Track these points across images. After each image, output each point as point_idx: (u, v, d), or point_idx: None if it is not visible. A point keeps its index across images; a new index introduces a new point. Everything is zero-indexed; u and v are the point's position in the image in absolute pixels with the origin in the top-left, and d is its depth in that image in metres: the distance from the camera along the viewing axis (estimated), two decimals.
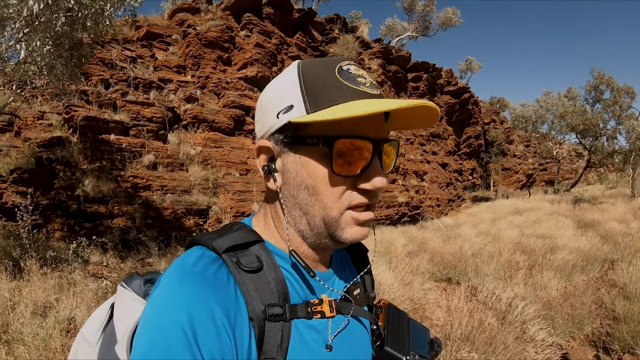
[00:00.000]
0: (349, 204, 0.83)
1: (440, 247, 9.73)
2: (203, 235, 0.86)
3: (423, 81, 24.77)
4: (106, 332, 0.99)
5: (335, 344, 0.88)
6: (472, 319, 5.08)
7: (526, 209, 18.10)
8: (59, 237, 8.35)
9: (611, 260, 8.58)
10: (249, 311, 0.77)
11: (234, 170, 12.66)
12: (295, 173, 0.85)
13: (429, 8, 28.49)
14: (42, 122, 10.49)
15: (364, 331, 1.01)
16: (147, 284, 1.03)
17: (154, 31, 15.14)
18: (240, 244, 0.83)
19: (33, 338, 4.08)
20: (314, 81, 0.82)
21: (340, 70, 0.82)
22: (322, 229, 0.85)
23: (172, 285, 0.75)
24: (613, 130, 24.29)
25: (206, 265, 0.78)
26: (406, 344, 1.03)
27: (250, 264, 0.81)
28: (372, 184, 0.81)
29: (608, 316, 5.94)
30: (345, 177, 0.81)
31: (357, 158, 0.80)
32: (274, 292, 0.81)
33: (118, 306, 1.00)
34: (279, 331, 0.79)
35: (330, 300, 0.90)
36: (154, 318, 0.71)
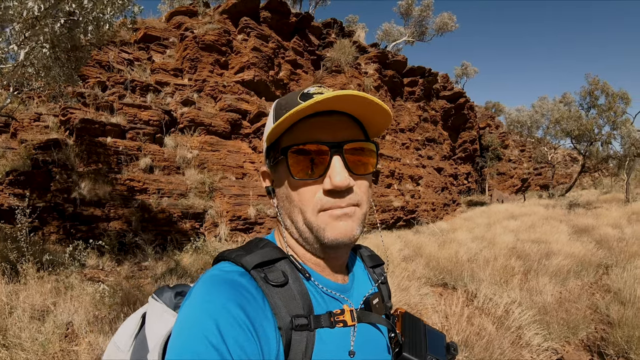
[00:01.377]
0: (321, 207, 0.89)
1: (436, 252, 9.74)
2: (231, 252, 0.93)
3: (419, 86, 24.81)
4: (137, 340, 1.06)
5: (356, 350, 0.92)
6: (469, 324, 5.12)
7: (521, 214, 18.13)
8: (54, 240, 8.33)
9: (606, 265, 8.64)
10: (277, 321, 0.82)
11: (230, 174, 12.66)
12: (279, 188, 0.98)
13: (426, 13, 28.59)
14: (38, 124, 10.47)
15: (382, 338, 1.06)
16: (177, 297, 1.10)
17: (152, 34, 15.10)
18: (267, 260, 0.90)
19: (32, 343, 4.08)
20: (280, 108, 0.94)
21: (302, 94, 0.92)
22: (307, 233, 0.93)
23: (202, 295, 0.80)
24: (608, 135, 24.39)
25: (235, 277, 0.84)
26: (423, 349, 1.08)
27: (277, 279, 0.87)
28: (332, 183, 0.86)
29: (603, 321, 5.98)
30: (307, 180, 0.90)
31: (316, 162, 0.89)
32: (299, 304, 0.87)
33: (149, 317, 1.06)
34: (304, 340, 0.84)
35: (352, 310, 0.95)
36: (185, 327, 0.75)
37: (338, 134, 0.90)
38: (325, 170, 0.88)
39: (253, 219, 11.53)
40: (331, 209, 0.89)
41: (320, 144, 0.88)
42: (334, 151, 0.88)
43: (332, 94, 0.81)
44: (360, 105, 0.87)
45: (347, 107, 0.90)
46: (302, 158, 0.88)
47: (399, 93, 23.52)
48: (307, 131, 0.89)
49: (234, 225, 11.11)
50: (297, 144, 0.89)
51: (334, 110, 0.90)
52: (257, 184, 12.93)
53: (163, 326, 1.00)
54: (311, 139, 0.89)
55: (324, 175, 0.88)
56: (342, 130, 0.91)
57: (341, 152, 0.89)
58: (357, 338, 0.94)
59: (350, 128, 0.93)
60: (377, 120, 0.95)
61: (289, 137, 0.91)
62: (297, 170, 0.89)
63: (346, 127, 0.92)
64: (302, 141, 0.89)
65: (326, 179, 0.88)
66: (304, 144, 0.88)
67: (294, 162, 0.88)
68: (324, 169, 0.88)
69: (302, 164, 0.89)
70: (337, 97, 0.82)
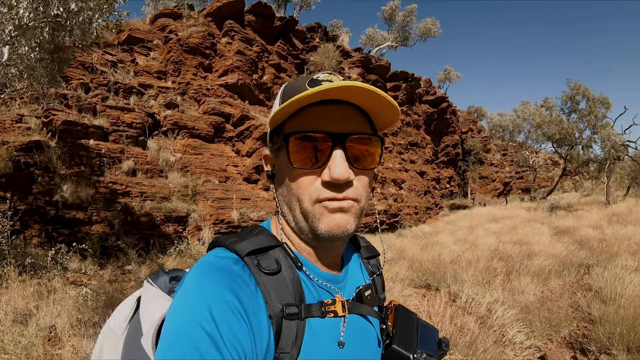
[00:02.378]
0: (318, 197, 0.88)
1: (418, 255, 9.79)
2: (226, 238, 0.94)
3: (402, 90, 24.96)
4: (132, 324, 1.06)
5: (346, 341, 0.93)
6: (452, 324, 5.19)
7: (503, 217, 18.26)
8: (36, 244, 8.24)
9: (587, 265, 8.73)
10: (268, 309, 0.82)
11: (213, 178, 12.64)
12: (279, 174, 0.97)
13: (409, 19, 28.72)
14: (20, 125, 10.34)
15: (373, 330, 1.06)
16: (172, 282, 1.09)
17: (136, 36, 15.02)
18: (261, 247, 0.90)
19: (15, 346, 4.06)
20: (288, 92, 0.91)
21: (311, 80, 0.90)
22: (303, 222, 0.92)
23: (196, 281, 0.81)
24: (588, 139, 24.64)
25: (229, 264, 0.85)
26: (414, 343, 1.09)
27: (269, 267, 0.87)
28: (330, 175, 0.85)
29: (584, 319, 6.08)
30: (306, 169, 0.88)
31: (316, 152, 0.87)
32: (291, 293, 0.87)
33: (144, 300, 1.06)
34: (295, 328, 0.84)
35: (343, 301, 0.96)
36: (179, 312, 0.77)
37: (342, 125, 0.88)
38: (326, 161, 0.87)
39: (236, 222, 11.51)
40: (328, 201, 0.87)
41: (323, 134, 0.86)
42: (337, 142, 0.87)
43: (340, 84, 0.79)
44: (368, 97, 0.86)
45: (354, 98, 0.88)
46: (303, 146, 0.87)
47: None
48: (311, 119, 0.88)
49: (217, 228, 11.09)
50: (300, 131, 0.87)
51: (341, 100, 0.88)
52: (241, 188, 12.92)
53: (157, 310, 1.00)
54: (314, 127, 0.87)
55: (324, 166, 0.87)
56: (347, 121, 0.89)
57: (344, 144, 0.87)
58: (348, 329, 0.94)
59: (356, 120, 0.91)
60: (384, 114, 0.93)
61: (293, 123, 0.90)
62: (297, 158, 0.87)
63: (352, 119, 0.90)
64: (304, 129, 0.87)
65: (325, 171, 0.87)
66: (306, 132, 0.87)
67: (295, 150, 0.87)
68: (325, 159, 0.87)
69: (302, 153, 0.87)
70: (344, 87, 0.81)
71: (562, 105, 26.50)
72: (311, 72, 19.07)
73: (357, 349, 0.97)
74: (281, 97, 0.94)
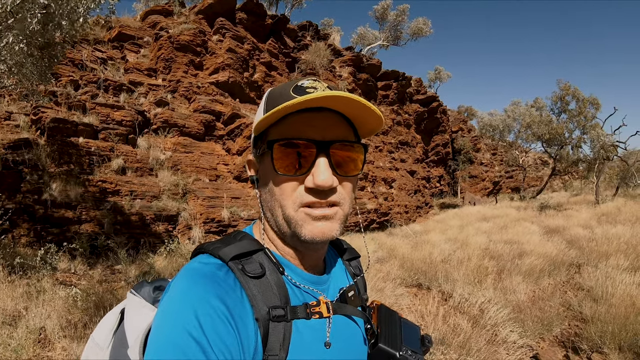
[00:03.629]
0: (301, 203, 0.89)
1: (409, 254, 9.81)
2: (209, 244, 0.94)
3: (393, 89, 25.01)
4: (116, 336, 1.05)
5: (332, 341, 0.94)
6: (445, 323, 5.22)
7: (493, 216, 18.38)
8: (25, 243, 8.15)
9: (577, 264, 8.81)
10: (254, 313, 0.83)
11: (203, 176, 12.59)
12: (262, 180, 0.98)
13: (401, 18, 28.74)
14: (9, 122, 10.22)
15: (358, 330, 1.07)
16: (156, 291, 1.09)
17: (126, 32, 14.91)
18: (244, 252, 0.91)
19: (4, 349, 4.02)
20: (272, 98, 0.92)
21: (296, 87, 0.91)
22: (285, 228, 0.93)
23: (181, 289, 0.81)
24: (578, 139, 24.84)
25: (214, 270, 0.85)
26: (398, 341, 1.11)
27: (254, 271, 0.88)
28: (314, 182, 0.87)
29: (576, 317, 6.14)
30: (289, 176, 0.90)
31: (300, 158, 0.88)
32: (276, 295, 0.88)
33: (128, 312, 1.05)
34: (282, 331, 0.85)
35: (327, 302, 0.97)
36: (165, 320, 0.76)
37: (327, 133, 0.90)
38: (310, 168, 0.88)
39: (227, 221, 11.48)
40: (311, 207, 0.89)
41: (307, 141, 0.88)
42: (321, 149, 0.88)
43: (324, 94, 0.81)
44: (352, 106, 0.87)
45: (339, 107, 0.90)
46: (287, 153, 0.88)
47: (373, 96, 23.68)
48: (296, 126, 0.89)
49: (207, 227, 11.05)
50: (284, 138, 0.89)
51: (325, 107, 0.90)
52: (231, 186, 12.88)
53: (142, 321, 0.99)
54: (298, 135, 0.88)
55: (307, 172, 0.88)
56: (331, 128, 0.91)
57: (327, 151, 0.89)
58: (333, 329, 0.96)
59: (340, 127, 0.93)
60: (368, 122, 0.95)
61: (277, 129, 0.91)
62: (281, 165, 0.89)
63: (336, 126, 0.92)
64: (289, 136, 0.89)
65: (309, 177, 0.88)
66: (290, 139, 0.88)
67: (279, 157, 0.88)
68: (309, 166, 0.88)
69: (286, 159, 0.88)
70: (329, 97, 0.82)
71: (552, 105, 26.71)
72: (303, 71, 19.04)
73: (344, 349, 0.99)
74: (266, 103, 0.95)
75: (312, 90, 0.89)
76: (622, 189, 26.32)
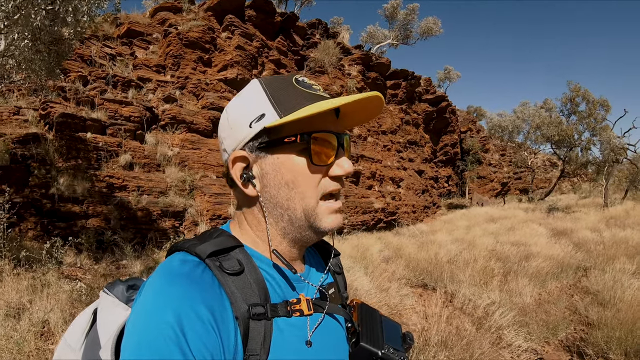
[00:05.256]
0: (324, 192, 0.93)
1: (415, 254, 9.79)
2: (185, 242, 0.91)
3: (402, 89, 24.93)
4: (89, 337, 1.02)
5: (314, 340, 0.93)
6: (449, 325, 5.18)
7: (501, 217, 18.31)
8: (31, 237, 8.20)
9: (584, 267, 8.75)
10: (234, 311, 0.81)
11: (211, 173, 12.60)
12: (274, 173, 0.92)
13: (411, 17, 28.62)
14: (17, 117, 10.28)
15: (340, 328, 1.07)
16: (129, 290, 1.06)
17: (135, 29, 14.96)
18: (222, 249, 0.89)
19: (6, 341, 4.02)
20: (279, 91, 0.93)
21: (297, 81, 0.95)
22: (303, 221, 0.93)
23: (159, 287, 0.78)
24: (587, 141, 24.70)
25: (191, 268, 0.83)
26: (380, 339, 1.10)
27: (232, 267, 0.86)
28: (344, 169, 0.94)
29: (582, 322, 6.07)
30: (322, 166, 0.92)
31: (328, 149, 0.92)
32: (255, 293, 0.86)
33: (101, 311, 1.03)
34: (262, 329, 0.83)
35: (308, 299, 0.96)
36: (142, 319, 0.74)
37: (339, 126, 0.97)
38: (335, 158, 0.93)
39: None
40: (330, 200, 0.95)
41: (332, 134, 0.92)
42: (340, 141, 0.94)
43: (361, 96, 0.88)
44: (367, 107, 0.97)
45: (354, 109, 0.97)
46: (322, 144, 0.91)
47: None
48: (320, 120, 0.92)
49: (214, 224, 11.05)
50: (319, 130, 0.91)
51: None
52: None
53: (115, 320, 0.97)
54: (327, 127, 0.92)
55: (331, 163, 0.93)
56: (337, 123, 0.97)
57: (342, 143, 0.95)
58: (314, 327, 0.95)
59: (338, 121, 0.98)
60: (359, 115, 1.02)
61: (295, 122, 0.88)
62: (318, 156, 0.91)
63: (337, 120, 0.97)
64: (319, 129, 0.91)
65: (335, 167, 0.93)
66: (324, 132, 0.91)
67: (317, 148, 0.91)
68: (333, 156, 0.92)
69: (321, 150, 0.91)
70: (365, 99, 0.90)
71: (561, 106, 26.58)
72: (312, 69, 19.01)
73: (326, 347, 0.97)
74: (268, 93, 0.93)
75: (316, 87, 0.96)
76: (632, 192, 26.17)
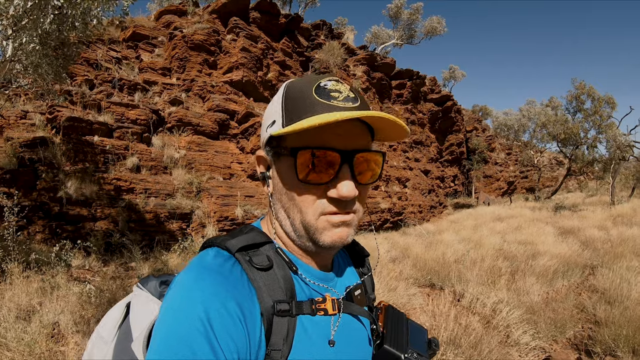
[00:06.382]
0: (322, 212, 0.88)
1: (422, 253, 9.76)
2: (217, 238, 0.93)
3: (407, 89, 24.92)
4: (121, 330, 1.04)
5: (337, 340, 0.93)
6: (457, 323, 5.17)
7: (507, 216, 18.21)
8: (40, 240, 8.24)
9: (592, 266, 8.71)
10: (260, 306, 0.82)
11: (217, 175, 12.63)
12: (278, 180, 0.94)
13: (415, 17, 28.57)
14: (25, 121, 10.34)
15: (363, 330, 1.06)
16: (162, 286, 1.08)
17: (140, 32, 15.05)
18: (252, 244, 0.90)
19: (17, 343, 4.05)
20: (292, 98, 0.89)
21: (318, 87, 0.88)
22: (302, 232, 0.91)
23: (189, 282, 0.79)
24: (593, 139, 24.56)
25: (221, 262, 0.84)
26: (404, 343, 1.09)
27: (261, 263, 0.87)
28: (338, 193, 0.86)
29: (590, 320, 6.04)
30: (313, 185, 0.87)
31: (324, 167, 0.86)
32: (282, 289, 0.87)
33: (134, 306, 1.05)
34: (285, 325, 0.84)
35: (333, 300, 0.96)
36: (172, 312, 0.75)
37: (349, 142, 0.87)
38: (334, 178, 0.86)
39: (240, 219, 11.50)
40: (330, 215, 0.88)
41: (332, 151, 0.85)
42: (345, 160, 0.86)
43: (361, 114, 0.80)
44: (384, 122, 0.87)
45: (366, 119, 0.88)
46: (311, 161, 0.85)
47: (387, 95, 23.61)
48: (320, 134, 0.85)
49: (221, 226, 11.08)
50: (308, 146, 0.85)
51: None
52: (245, 185, 12.91)
53: (148, 315, 0.99)
54: (323, 144, 0.85)
55: (330, 182, 0.87)
56: (355, 138, 0.89)
57: (351, 161, 0.87)
58: (338, 328, 0.95)
59: (363, 136, 0.91)
60: (391, 132, 0.94)
61: (299, 135, 0.87)
62: (305, 173, 0.86)
63: (359, 135, 0.90)
64: (313, 144, 0.85)
65: (333, 189, 0.87)
66: (316, 148, 0.85)
67: (303, 164, 0.85)
68: (332, 176, 0.86)
69: (310, 168, 0.85)
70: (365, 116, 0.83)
71: (567, 104, 26.44)
72: (317, 70, 19.03)
73: (348, 348, 0.97)
74: (284, 104, 0.91)
75: (337, 95, 0.87)
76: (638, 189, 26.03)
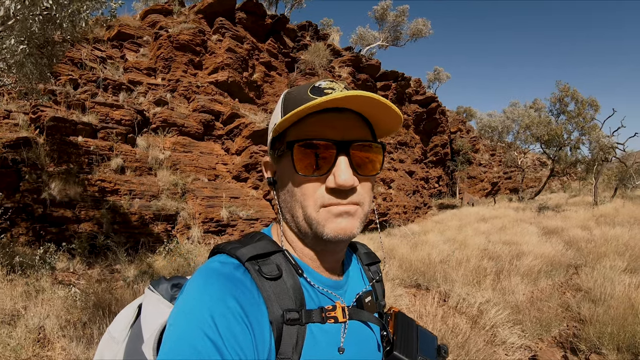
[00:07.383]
0: (322, 203, 0.89)
1: (408, 254, 9.78)
2: (227, 244, 0.94)
3: (392, 90, 25.02)
4: (133, 330, 1.05)
5: (346, 347, 0.93)
6: (444, 324, 5.22)
7: (492, 217, 18.39)
8: (24, 242, 8.13)
9: (575, 265, 8.83)
10: (269, 315, 0.83)
11: (202, 176, 12.59)
12: (280, 180, 0.97)
13: (401, 19, 28.64)
14: (8, 121, 10.20)
15: (373, 337, 1.06)
16: (173, 289, 1.09)
17: (125, 32, 14.92)
18: (262, 253, 0.91)
19: (3, 348, 4.01)
20: (290, 99, 0.94)
21: (313, 87, 0.92)
22: (306, 229, 0.93)
23: (199, 287, 0.81)
24: (576, 140, 24.85)
25: (231, 270, 0.85)
26: (414, 350, 1.09)
27: (271, 272, 0.88)
28: (336, 182, 0.86)
29: (574, 318, 6.14)
30: (310, 176, 0.89)
31: (320, 159, 0.88)
32: (291, 298, 0.88)
33: (145, 307, 1.05)
34: (295, 334, 0.85)
35: (343, 307, 0.96)
36: (181, 317, 0.76)
37: (346, 133, 0.90)
38: (330, 168, 0.88)
39: (225, 221, 11.48)
40: (332, 206, 0.89)
41: (327, 141, 0.88)
42: (341, 150, 0.88)
43: (346, 93, 0.81)
44: (373, 106, 0.88)
45: (358, 107, 0.90)
46: (308, 153, 0.88)
47: None
48: (315, 127, 0.89)
49: (206, 227, 11.05)
50: (304, 139, 0.88)
51: (344, 108, 0.90)
52: (230, 186, 12.88)
53: (159, 317, 0.99)
54: (319, 135, 0.88)
55: (328, 173, 0.88)
56: (351, 129, 0.91)
57: (348, 152, 0.89)
58: (348, 335, 0.95)
59: (359, 127, 0.93)
60: (387, 122, 0.95)
61: (296, 130, 0.91)
62: (302, 165, 0.88)
63: (355, 126, 0.92)
64: (309, 137, 0.88)
65: (330, 177, 0.88)
66: (311, 140, 0.88)
67: (300, 157, 0.88)
68: (330, 166, 0.88)
69: (307, 160, 0.88)
70: (351, 97, 0.82)
71: (551, 106, 26.70)
72: (302, 71, 19.02)
73: (358, 355, 0.98)
74: (283, 105, 0.95)
75: (331, 91, 0.89)
76: (621, 190, 26.39)
